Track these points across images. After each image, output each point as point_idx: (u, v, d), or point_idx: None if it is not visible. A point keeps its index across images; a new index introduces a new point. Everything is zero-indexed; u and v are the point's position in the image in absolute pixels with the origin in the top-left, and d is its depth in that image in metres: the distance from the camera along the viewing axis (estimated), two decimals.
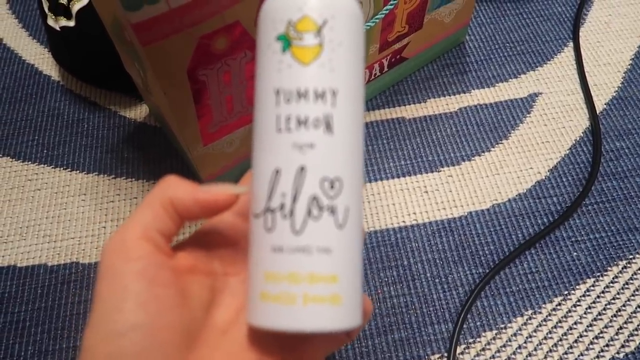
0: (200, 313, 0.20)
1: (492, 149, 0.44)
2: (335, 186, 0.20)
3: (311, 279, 0.19)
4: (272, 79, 0.20)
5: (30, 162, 0.45)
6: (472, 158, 0.44)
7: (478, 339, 0.36)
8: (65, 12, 0.44)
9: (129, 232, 0.19)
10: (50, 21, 0.45)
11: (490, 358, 0.35)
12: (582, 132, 0.45)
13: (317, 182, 0.19)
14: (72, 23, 0.44)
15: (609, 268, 0.38)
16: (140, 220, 0.20)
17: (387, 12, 0.38)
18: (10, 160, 0.45)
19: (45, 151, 0.45)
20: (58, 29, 0.45)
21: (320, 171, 0.19)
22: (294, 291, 0.18)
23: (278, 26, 0.20)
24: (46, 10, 0.45)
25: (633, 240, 0.39)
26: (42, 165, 0.45)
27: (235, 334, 0.20)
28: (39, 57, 0.51)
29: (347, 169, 0.20)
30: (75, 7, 0.43)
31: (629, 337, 0.36)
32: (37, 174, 0.44)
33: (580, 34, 0.51)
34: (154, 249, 0.19)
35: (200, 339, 0.20)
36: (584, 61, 0.49)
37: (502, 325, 0.36)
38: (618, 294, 0.37)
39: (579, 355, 0.35)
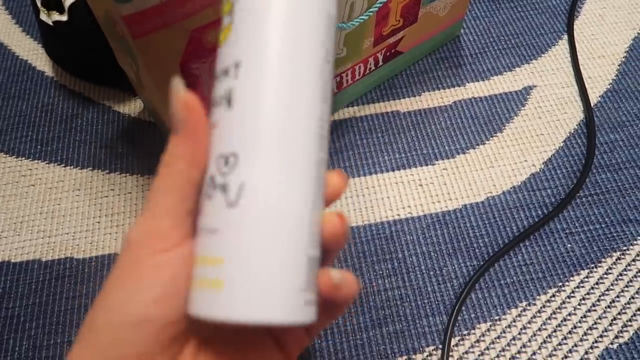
0: None
1: (487, 142, 0.44)
2: (229, 162, 0.18)
3: (202, 261, 0.18)
4: None
5: (24, 158, 0.45)
6: (467, 151, 0.44)
7: (473, 331, 0.36)
8: (57, 6, 0.44)
9: (156, 221, 0.18)
10: (43, 16, 0.45)
11: (484, 349, 0.35)
12: (577, 125, 0.45)
13: (214, 161, 0.18)
14: (64, 17, 0.44)
15: (603, 259, 0.39)
16: (166, 205, 0.18)
17: (381, 4, 0.38)
18: (4, 155, 0.45)
19: (39, 147, 0.45)
20: (51, 23, 0.44)
21: (216, 149, 0.18)
22: (194, 275, 0.18)
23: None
24: (39, 5, 0.45)
25: (627, 232, 0.40)
26: (36, 161, 0.44)
27: None
28: (32, 53, 0.51)
29: (246, 142, 0.18)
30: (68, 2, 0.43)
31: (622, 327, 0.36)
32: (30, 169, 0.44)
33: (575, 26, 0.51)
34: (182, 238, 0.18)
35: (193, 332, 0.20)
36: (578, 54, 0.49)
37: (497, 317, 0.36)
38: (612, 285, 0.38)
39: (573, 346, 0.35)
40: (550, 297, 0.37)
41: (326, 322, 0.22)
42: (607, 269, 0.38)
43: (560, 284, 0.38)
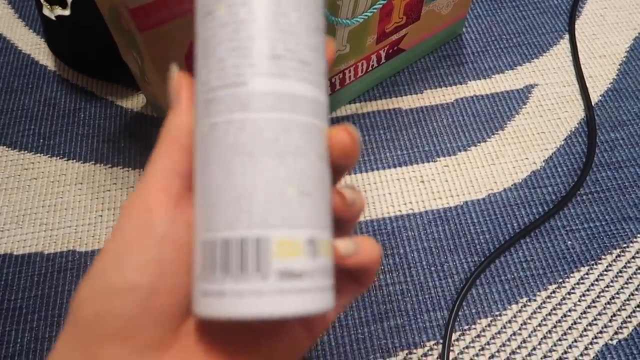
0: None
1: (488, 139, 0.45)
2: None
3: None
4: None
5: (26, 151, 0.45)
6: (468, 148, 0.44)
7: (473, 326, 0.36)
8: (60, 1, 0.44)
9: (146, 184, 0.18)
10: (46, 10, 0.45)
11: (485, 344, 0.35)
12: (577, 123, 0.45)
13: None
14: (67, 12, 0.44)
15: (603, 257, 0.39)
16: (157, 168, 0.18)
17: (385, 1, 0.38)
18: (7, 149, 0.45)
19: (41, 140, 0.45)
20: (53, 18, 0.45)
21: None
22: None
23: None
24: None
25: (627, 229, 0.40)
26: (39, 155, 0.44)
27: None
28: (35, 47, 0.51)
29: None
30: None
31: (622, 324, 0.36)
32: (33, 163, 0.44)
33: (576, 26, 0.52)
34: (172, 200, 0.17)
35: None
36: (579, 53, 0.50)
37: (497, 313, 0.37)
38: (612, 282, 0.38)
39: (572, 342, 0.36)
40: (551, 293, 0.37)
41: (352, 294, 0.21)
42: (607, 266, 0.38)
43: (561, 280, 0.38)
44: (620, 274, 0.38)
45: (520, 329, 0.36)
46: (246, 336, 0.18)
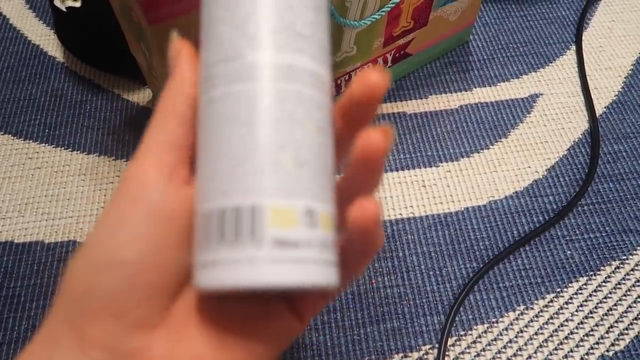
0: None
1: (491, 146, 0.45)
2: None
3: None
4: None
5: (31, 141, 0.45)
6: (471, 155, 0.44)
7: (469, 332, 0.36)
8: None
9: (139, 158, 0.17)
10: (57, 1, 0.45)
11: (480, 351, 0.35)
12: (581, 134, 0.45)
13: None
14: (78, 4, 0.44)
15: (602, 268, 0.39)
16: (151, 141, 0.18)
17: (394, 5, 0.39)
18: (12, 138, 0.45)
19: (47, 130, 0.46)
20: (64, 9, 0.45)
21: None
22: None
23: None
24: None
25: (627, 242, 0.40)
26: (43, 144, 0.45)
27: None
28: (44, 38, 0.52)
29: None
30: None
31: (619, 335, 0.36)
32: (37, 152, 0.44)
33: (583, 37, 0.52)
34: (165, 174, 0.17)
35: (190, 286, 0.18)
36: (585, 65, 0.50)
37: (494, 319, 0.37)
38: (610, 293, 0.38)
39: (568, 352, 0.35)
40: (548, 302, 0.37)
41: (347, 277, 0.19)
42: (605, 277, 0.38)
43: (559, 289, 0.38)
44: (618, 286, 0.38)
45: (516, 337, 0.36)
46: (238, 318, 0.18)
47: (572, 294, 0.38)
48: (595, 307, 0.37)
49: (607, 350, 0.35)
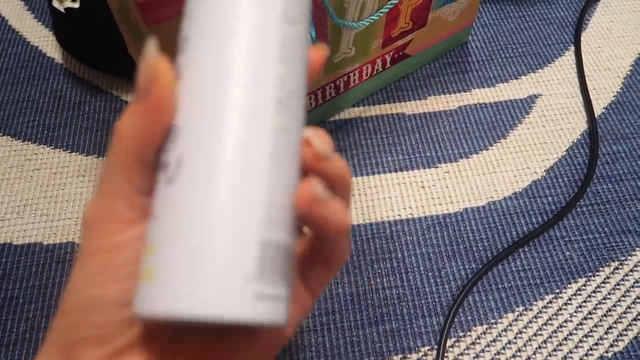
0: None
1: (490, 147, 0.45)
2: (170, 137, 0.17)
3: (144, 251, 0.17)
4: None
5: (30, 142, 0.45)
6: (470, 156, 0.44)
7: (468, 333, 0.36)
8: None
9: (108, 200, 0.17)
10: (55, 3, 0.45)
11: (479, 352, 0.35)
12: (580, 135, 0.45)
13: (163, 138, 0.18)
14: (76, 5, 0.44)
15: (601, 268, 0.39)
16: (116, 183, 0.17)
17: (392, 6, 0.39)
18: (11, 139, 0.45)
19: (45, 132, 0.45)
20: (63, 10, 0.45)
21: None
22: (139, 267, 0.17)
23: None
24: None
25: (625, 242, 0.40)
26: (42, 146, 0.45)
27: None
28: (43, 40, 0.52)
29: (189, 114, 0.16)
30: None
31: (618, 336, 0.36)
32: (36, 154, 0.44)
33: (582, 38, 0.52)
34: (137, 217, 0.18)
35: None
36: (584, 65, 0.50)
37: (493, 321, 0.37)
38: (609, 294, 0.38)
39: (567, 353, 0.35)
40: (547, 303, 0.37)
41: (326, 275, 0.20)
42: (604, 278, 0.38)
43: (558, 290, 0.38)
44: (617, 287, 0.38)
45: (515, 338, 0.36)
46: (212, 339, 0.19)
47: (571, 295, 0.38)
48: (594, 308, 0.37)
49: (606, 351, 0.35)
